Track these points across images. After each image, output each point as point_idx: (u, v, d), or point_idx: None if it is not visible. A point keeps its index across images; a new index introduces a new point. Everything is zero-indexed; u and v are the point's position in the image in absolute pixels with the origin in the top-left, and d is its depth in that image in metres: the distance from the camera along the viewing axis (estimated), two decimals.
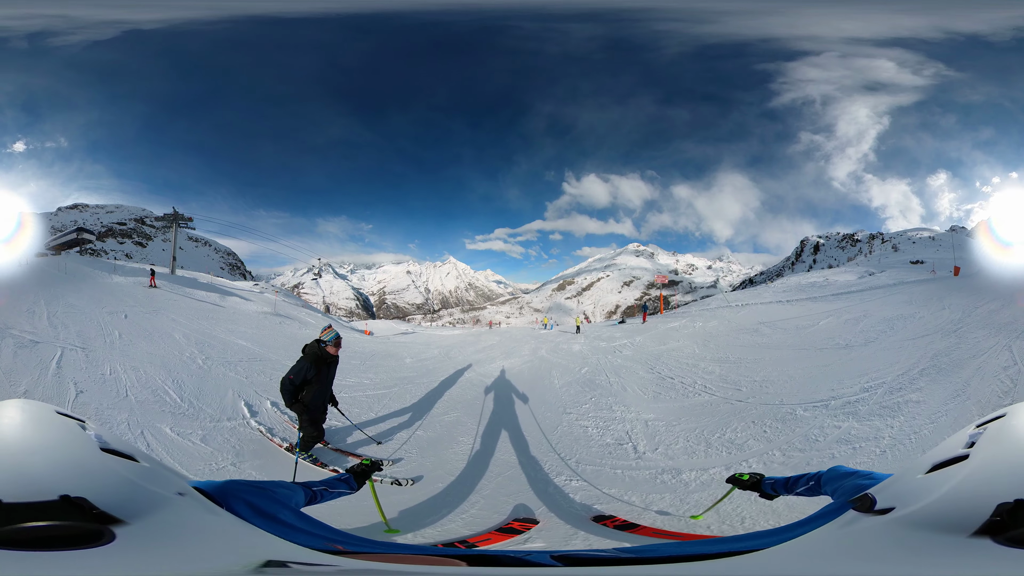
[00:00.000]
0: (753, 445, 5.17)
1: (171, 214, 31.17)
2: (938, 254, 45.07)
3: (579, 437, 5.92)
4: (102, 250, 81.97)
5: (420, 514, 3.98)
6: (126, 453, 1.23)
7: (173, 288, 21.55)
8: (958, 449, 1.22)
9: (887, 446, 4.66)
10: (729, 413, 6.24)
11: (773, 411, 6.07)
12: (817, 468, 4.51)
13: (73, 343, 8.63)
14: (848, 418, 5.49)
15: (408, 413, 7.20)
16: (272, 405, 6.69)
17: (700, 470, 4.62)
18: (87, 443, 1.18)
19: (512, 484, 4.56)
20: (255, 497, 1.59)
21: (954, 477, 1.16)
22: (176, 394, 6.66)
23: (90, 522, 1.03)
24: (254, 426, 5.84)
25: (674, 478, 4.53)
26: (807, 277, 33.00)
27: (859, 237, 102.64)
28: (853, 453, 4.60)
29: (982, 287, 13.63)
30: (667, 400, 7.38)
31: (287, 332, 15.16)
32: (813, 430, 5.33)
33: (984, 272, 17.61)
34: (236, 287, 30.66)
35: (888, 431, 4.99)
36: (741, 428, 5.64)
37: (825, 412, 5.81)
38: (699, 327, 15.12)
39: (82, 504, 1.04)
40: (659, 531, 3.67)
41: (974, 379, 6.38)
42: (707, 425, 5.89)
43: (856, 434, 5.02)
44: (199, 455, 4.92)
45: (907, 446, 4.62)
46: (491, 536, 3.61)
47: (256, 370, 8.66)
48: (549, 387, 8.76)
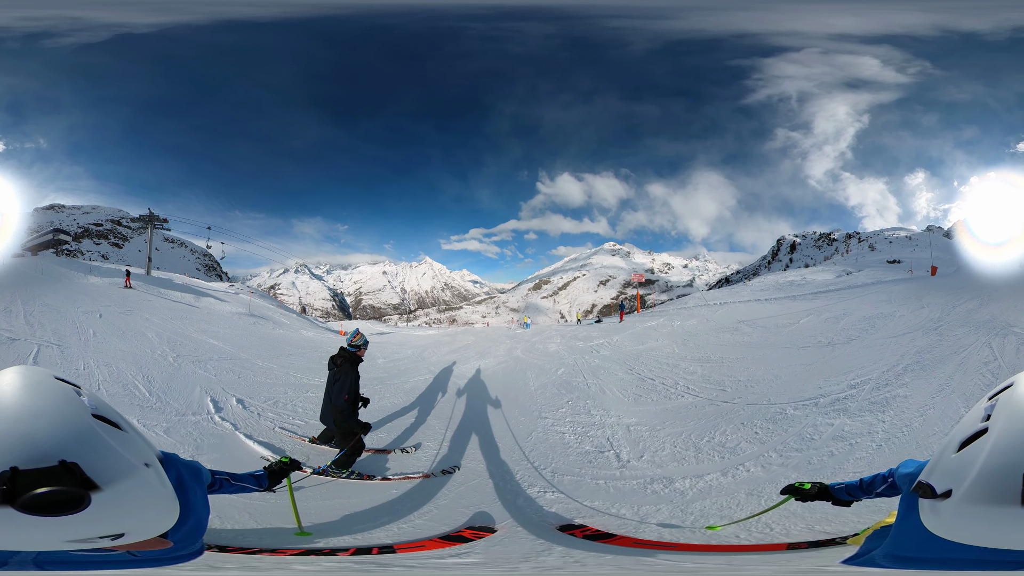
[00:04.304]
0: (746, 448, 5.38)
1: (147, 215, 33.72)
2: (915, 253, 48.63)
3: (555, 444, 6.00)
4: (78, 251, 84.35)
5: (357, 520, 4.12)
6: (113, 420, 1.35)
7: (148, 289, 23.17)
8: (977, 423, 1.35)
9: (882, 440, 5.09)
10: (716, 415, 6.47)
11: (762, 411, 6.36)
12: (819, 466, 4.93)
13: (49, 340, 9.70)
14: (839, 415, 5.87)
15: (373, 416, 7.13)
16: (237, 402, 7.28)
17: (694, 477, 4.77)
18: (82, 409, 1.29)
19: (476, 494, 4.61)
20: (185, 470, 1.93)
21: (982, 451, 1.28)
22: (145, 389, 7.50)
23: (78, 487, 1.15)
24: (218, 422, 6.48)
25: (667, 487, 4.64)
26: (784, 276, 34.76)
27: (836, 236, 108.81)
28: (851, 449, 4.94)
29: (960, 286, 14.82)
30: (649, 403, 7.56)
31: (260, 332, 16.35)
32: (806, 429, 5.63)
33: (961, 271, 19.13)
34: (211, 288, 32.51)
35: (881, 426, 5.43)
36: (731, 430, 5.86)
37: (815, 410, 6.15)
38: (677, 326, 15.60)
39: (74, 470, 1.15)
40: (643, 542, 3.73)
41: (957, 374, 7.04)
42: (694, 429, 6.08)
43: (850, 430, 5.40)
44: (161, 445, 4.90)
45: (901, 439, 5.09)
46: (426, 544, 3.75)
47: (225, 368, 9.46)
48: (524, 389, 8.83)
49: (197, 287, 29.88)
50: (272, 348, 12.98)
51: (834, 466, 4.85)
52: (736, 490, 4.41)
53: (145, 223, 34.09)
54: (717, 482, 4.59)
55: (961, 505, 1.31)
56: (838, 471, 4.75)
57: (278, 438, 6.33)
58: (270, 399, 7.80)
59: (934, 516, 1.44)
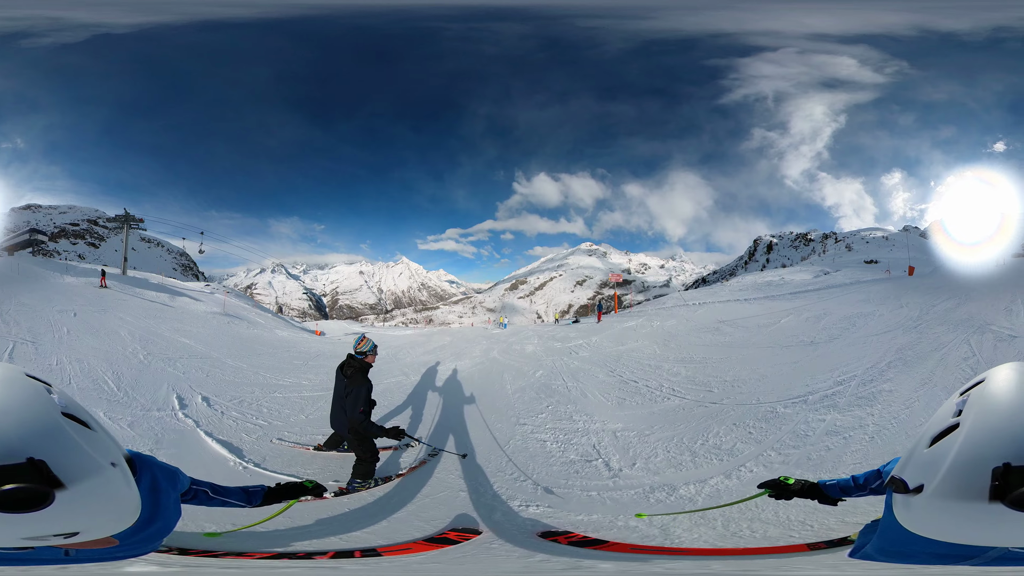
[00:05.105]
0: (743, 448, 5.35)
1: (123, 215, 34.83)
2: (892, 254, 50.47)
3: (536, 453, 5.76)
4: (55, 251, 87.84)
5: (336, 523, 4.06)
6: (82, 419, 1.38)
7: (123, 288, 23.66)
8: (948, 419, 1.39)
9: (873, 432, 5.32)
10: (705, 416, 6.44)
11: (752, 411, 6.38)
12: (818, 461, 4.94)
13: (24, 337, 10.34)
14: (830, 411, 6.02)
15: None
16: (203, 400, 7.47)
17: (698, 483, 4.65)
18: (51, 406, 1.32)
19: (442, 507, 4.43)
20: (161, 473, 1.93)
21: (952, 447, 1.31)
22: (114, 384, 7.87)
23: (43, 485, 1.17)
24: (181, 418, 6.67)
25: (670, 495, 4.50)
26: (763, 276, 35.49)
27: (812, 236, 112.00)
28: (846, 443, 5.09)
29: (937, 286, 15.33)
30: (633, 406, 7.42)
31: (234, 332, 16.67)
32: (799, 426, 5.69)
33: (939, 272, 19.77)
34: (187, 287, 33.35)
35: (871, 419, 5.64)
36: (724, 432, 5.82)
37: (805, 407, 6.24)
38: (657, 326, 15.67)
39: (41, 467, 1.17)
40: (637, 547, 3.62)
41: (938, 369, 7.39)
42: (685, 432, 5.99)
43: (842, 425, 5.58)
44: (123, 438, 5.17)
45: (891, 430, 5.35)
46: (414, 546, 3.66)
47: (195, 367, 9.72)
48: (500, 393, 8.65)
49: (173, 287, 30.67)
50: (244, 347, 13.15)
51: (833, 460, 4.93)
52: (746, 492, 4.18)
53: (121, 223, 35.21)
54: (723, 485, 4.49)
55: (932, 500, 1.35)
56: (838, 464, 4.84)
57: (236, 436, 6.23)
58: (236, 398, 7.87)
59: (906, 511, 1.48)
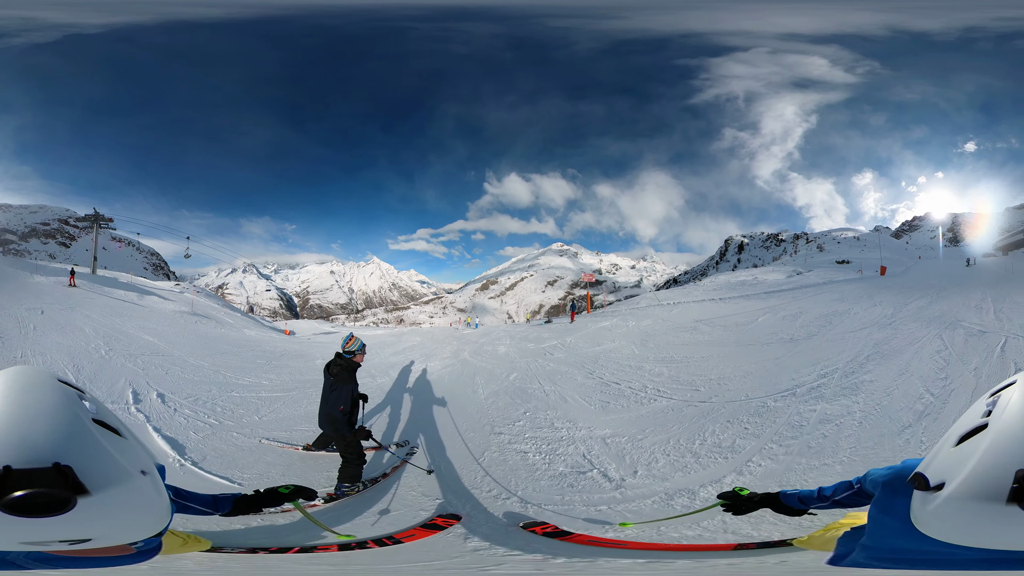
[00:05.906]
0: (744, 444, 5.41)
1: (92, 215, 35.69)
2: (864, 254, 52.39)
3: (517, 466, 5.30)
4: (25, 250, 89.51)
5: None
6: (113, 427, 1.40)
7: (92, 287, 24.35)
8: (977, 419, 1.41)
9: (861, 418, 5.73)
10: (697, 416, 6.41)
11: (743, 407, 6.48)
12: (818, 449, 5.10)
13: None
14: (818, 401, 6.34)
15: (301, 422, 6.95)
16: (158, 396, 7.62)
17: (712, 483, 4.60)
18: (82, 412, 1.33)
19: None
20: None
21: (979, 447, 1.34)
22: (73, 377, 8.16)
23: (66, 490, 1.18)
24: (133, 413, 6.85)
25: (692, 500, 4.38)
26: (736, 276, 36.32)
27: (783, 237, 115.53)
28: (839, 429, 5.42)
29: (909, 286, 15.95)
30: (619, 410, 7.14)
31: (200, 331, 17.12)
32: (793, 417, 5.89)
33: (910, 272, 20.58)
34: (156, 287, 34.18)
35: (857, 406, 6.04)
36: (719, 429, 5.85)
37: (795, 399, 6.48)
38: (633, 326, 15.77)
39: (67, 473, 1.19)
40: (596, 539, 3.76)
41: (914, 361, 7.89)
42: (680, 433, 5.91)
43: (832, 413, 5.92)
44: None
45: (876, 416, 5.78)
46: (415, 532, 3.90)
47: (155, 364, 9.96)
48: (472, 398, 8.29)
49: (142, 286, 31.75)
50: (207, 346, 13.34)
51: (831, 446, 5.15)
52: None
53: (91, 222, 36.15)
54: (739, 483, 4.44)
55: (951, 498, 1.37)
56: (836, 449, 5.06)
57: (183, 433, 6.28)
58: (191, 396, 7.90)
59: (922, 509, 1.49)
